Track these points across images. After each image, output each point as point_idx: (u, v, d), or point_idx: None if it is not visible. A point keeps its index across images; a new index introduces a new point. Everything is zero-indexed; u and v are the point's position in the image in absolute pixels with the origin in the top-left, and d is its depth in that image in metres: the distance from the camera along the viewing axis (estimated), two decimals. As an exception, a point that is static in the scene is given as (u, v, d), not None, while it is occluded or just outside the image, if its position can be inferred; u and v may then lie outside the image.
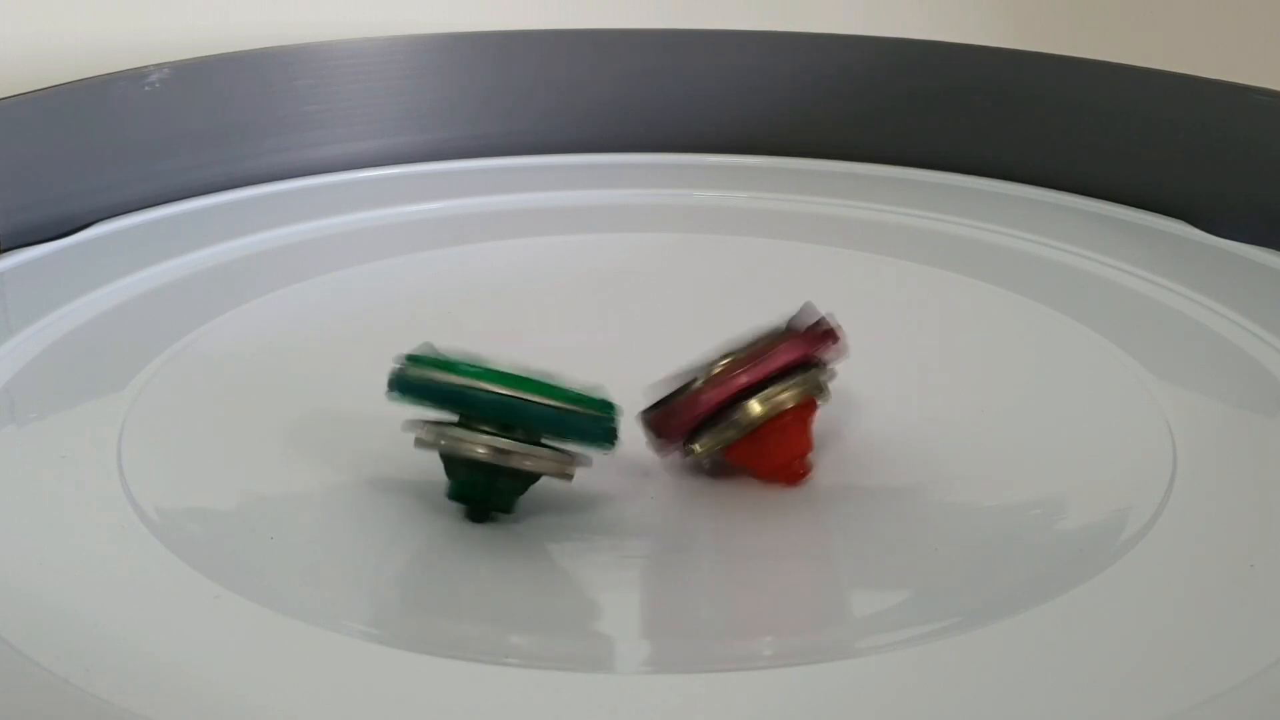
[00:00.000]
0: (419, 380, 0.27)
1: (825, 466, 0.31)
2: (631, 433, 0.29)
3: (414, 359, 0.28)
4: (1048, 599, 0.26)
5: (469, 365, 0.27)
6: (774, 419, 0.29)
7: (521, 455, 0.27)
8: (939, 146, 0.54)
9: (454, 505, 0.29)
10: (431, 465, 0.29)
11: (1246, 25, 0.62)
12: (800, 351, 0.29)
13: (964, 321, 0.41)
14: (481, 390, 0.27)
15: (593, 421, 0.27)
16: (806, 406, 0.29)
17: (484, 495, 0.28)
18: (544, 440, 0.28)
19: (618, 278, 0.32)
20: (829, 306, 0.42)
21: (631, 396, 0.29)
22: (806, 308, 0.30)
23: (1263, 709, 0.23)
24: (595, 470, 0.29)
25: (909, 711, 0.23)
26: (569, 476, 0.28)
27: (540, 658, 0.24)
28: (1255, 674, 0.23)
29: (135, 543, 0.27)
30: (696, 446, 0.29)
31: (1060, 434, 0.33)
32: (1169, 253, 0.45)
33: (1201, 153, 0.49)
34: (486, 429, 0.27)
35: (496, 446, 0.27)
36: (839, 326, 0.30)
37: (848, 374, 0.36)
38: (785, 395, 0.29)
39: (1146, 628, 0.25)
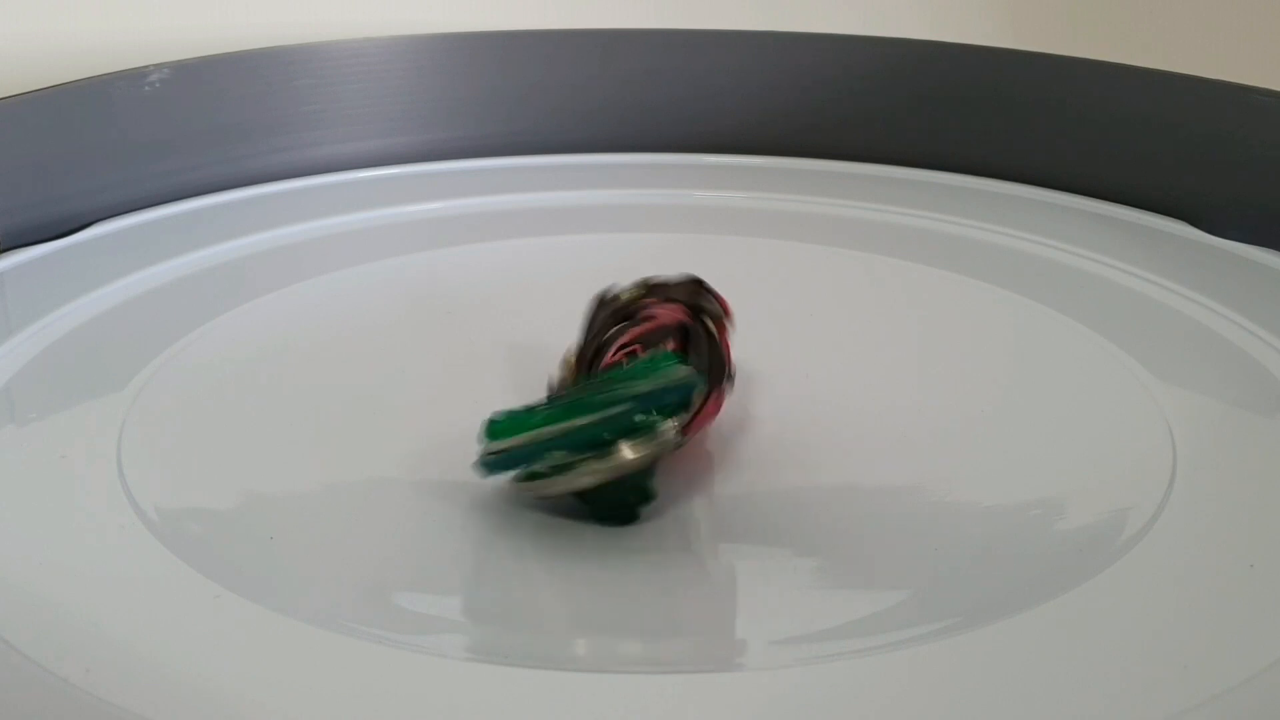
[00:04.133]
0: (509, 454, 0.28)
1: (825, 466, 0.31)
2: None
3: (493, 434, 0.28)
4: (1048, 599, 0.26)
5: (541, 416, 0.27)
6: None
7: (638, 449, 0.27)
8: (939, 146, 0.54)
9: (455, 506, 0.29)
10: (430, 466, 0.29)
11: (1246, 25, 0.62)
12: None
13: (964, 321, 0.41)
14: (574, 429, 0.27)
15: (671, 391, 0.27)
16: None
17: (628, 499, 0.28)
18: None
19: (618, 278, 0.32)
20: (829, 306, 0.42)
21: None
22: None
23: (1263, 709, 0.23)
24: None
25: (909, 711, 0.23)
26: (679, 444, 0.28)
27: (540, 657, 0.24)
28: (1255, 674, 0.23)
29: (135, 543, 0.27)
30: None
31: (1060, 434, 0.33)
32: (1169, 253, 0.45)
33: (1201, 153, 0.49)
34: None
35: (615, 461, 0.27)
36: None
37: (848, 374, 0.37)
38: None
39: (1146, 628, 0.25)
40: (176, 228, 0.47)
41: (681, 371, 0.28)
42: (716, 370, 0.30)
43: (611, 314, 0.31)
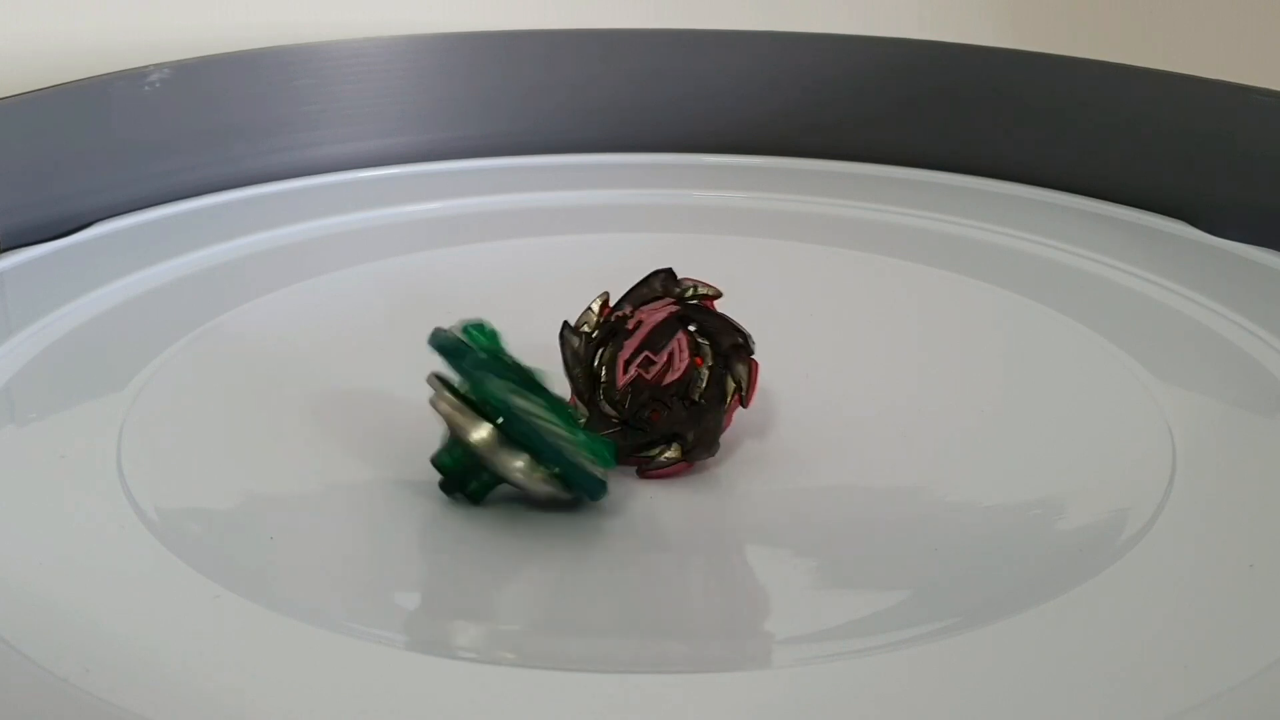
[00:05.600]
0: (458, 346, 0.28)
1: (825, 466, 0.31)
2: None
3: (473, 332, 0.28)
4: (1048, 599, 0.26)
5: (506, 369, 0.28)
6: None
7: (505, 460, 0.27)
8: (939, 146, 0.54)
9: (457, 507, 0.29)
10: (431, 466, 0.29)
11: (1246, 25, 0.62)
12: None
13: (964, 321, 0.41)
14: (502, 399, 0.27)
15: (588, 477, 0.28)
16: None
17: (463, 475, 0.28)
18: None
19: (618, 278, 0.32)
20: (829, 306, 0.42)
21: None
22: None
23: (1263, 709, 0.23)
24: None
25: (909, 711, 0.23)
26: (545, 495, 0.28)
27: (540, 657, 0.24)
28: (1255, 674, 0.23)
29: (135, 543, 0.27)
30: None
31: (1060, 434, 0.33)
32: (1169, 253, 0.45)
33: (1201, 153, 0.49)
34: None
35: (489, 441, 0.27)
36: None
37: (848, 374, 0.37)
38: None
39: (1146, 628, 0.25)
40: (176, 228, 0.47)
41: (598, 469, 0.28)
42: (739, 337, 0.30)
43: (588, 339, 0.31)
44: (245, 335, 0.38)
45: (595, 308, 0.31)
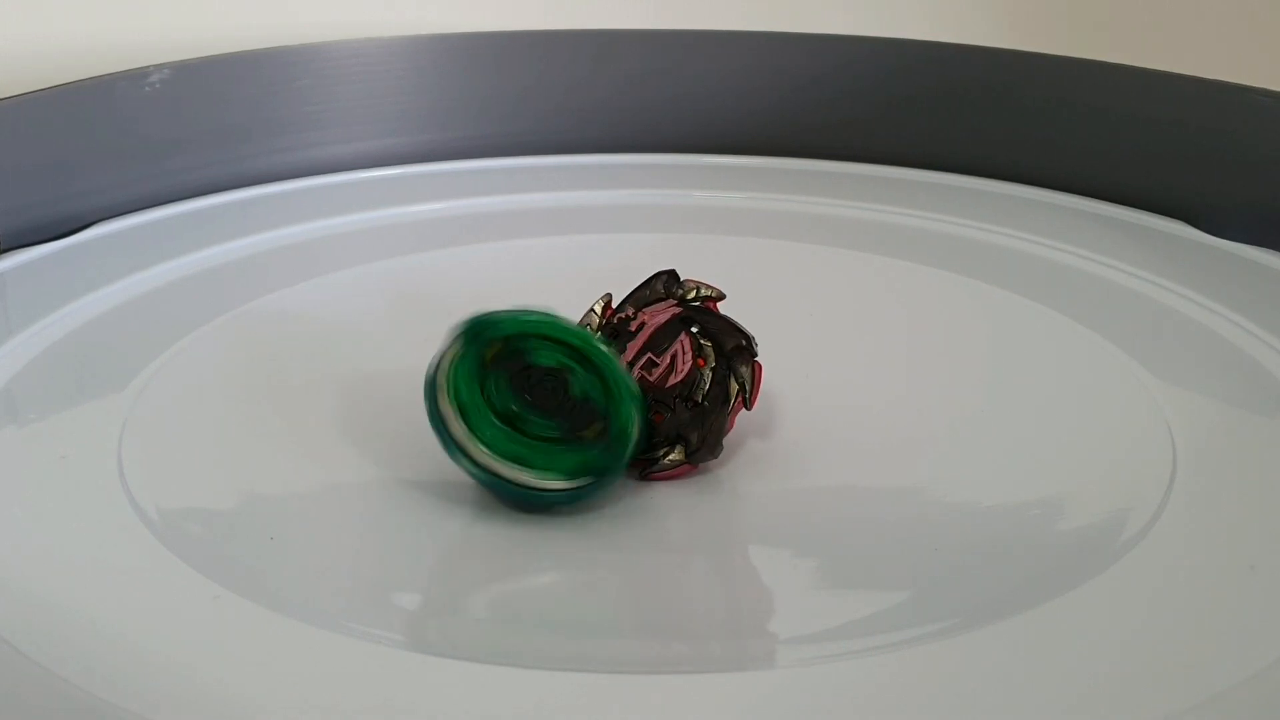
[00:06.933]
0: (438, 418, 0.28)
1: (825, 466, 0.31)
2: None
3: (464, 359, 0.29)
4: (1048, 599, 0.26)
5: (491, 423, 0.28)
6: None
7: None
8: (939, 146, 0.54)
9: (457, 507, 0.29)
10: (432, 466, 0.29)
11: (1246, 25, 0.62)
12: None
13: (964, 322, 0.41)
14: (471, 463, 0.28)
15: (541, 495, 0.29)
16: None
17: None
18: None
19: (618, 278, 0.32)
20: (828, 307, 0.42)
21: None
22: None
23: (1263, 709, 0.23)
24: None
25: (909, 711, 0.23)
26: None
27: (540, 658, 0.24)
28: (1255, 674, 0.23)
29: (135, 543, 0.27)
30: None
31: (1060, 434, 0.33)
32: (1169, 253, 0.45)
33: (1201, 153, 0.49)
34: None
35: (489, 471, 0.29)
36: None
37: (847, 374, 0.37)
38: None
39: (1146, 628, 0.25)
40: (176, 228, 0.47)
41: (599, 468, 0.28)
42: (741, 339, 0.30)
43: None
44: (245, 335, 0.38)
45: (598, 309, 0.31)
